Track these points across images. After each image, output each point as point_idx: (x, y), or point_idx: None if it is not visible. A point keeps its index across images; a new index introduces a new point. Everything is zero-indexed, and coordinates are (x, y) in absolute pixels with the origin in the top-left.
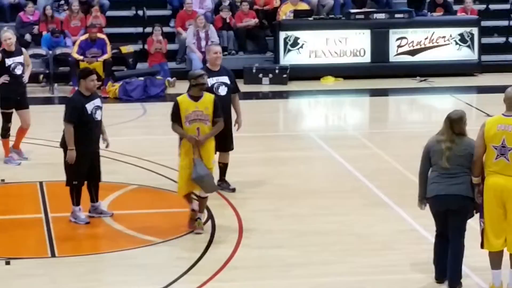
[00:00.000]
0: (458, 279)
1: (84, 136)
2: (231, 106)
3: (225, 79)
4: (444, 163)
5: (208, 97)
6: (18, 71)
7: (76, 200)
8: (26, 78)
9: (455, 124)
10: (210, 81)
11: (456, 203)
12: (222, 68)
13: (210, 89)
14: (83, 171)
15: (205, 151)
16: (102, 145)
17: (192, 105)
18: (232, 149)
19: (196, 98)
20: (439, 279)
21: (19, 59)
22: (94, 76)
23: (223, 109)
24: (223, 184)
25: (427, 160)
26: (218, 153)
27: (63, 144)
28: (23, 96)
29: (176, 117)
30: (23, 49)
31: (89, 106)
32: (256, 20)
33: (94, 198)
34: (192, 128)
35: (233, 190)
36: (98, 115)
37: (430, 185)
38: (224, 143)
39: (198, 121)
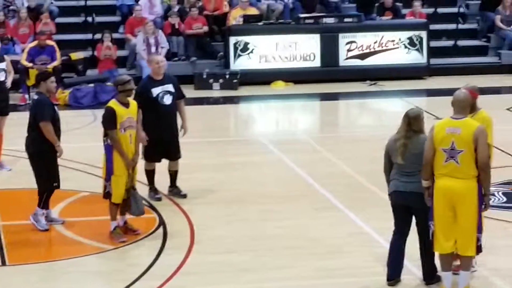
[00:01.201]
0: (433, 274)
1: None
2: (176, 114)
3: (170, 87)
4: (399, 159)
5: (133, 103)
6: (1, 77)
7: (44, 204)
8: (9, 84)
9: (413, 121)
10: (155, 91)
11: (415, 201)
12: (165, 76)
13: (155, 99)
14: (58, 172)
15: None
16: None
17: (125, 112)
18: (180, 157)
19: (126, 105)
20: (391, 279)
21: (2, 65)
22: (54, 78)
23: (169, 117)
24: (175, 190)
25: (388, 159)
26: (168, 161)
27: (32, 148)
28: (6, 103)
29: (113, 124)
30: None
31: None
32: (206, 28)
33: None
34: (126, 136)
35: (185, 196)
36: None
37: (391, 181)
38: (173, 151)
39: (131, 128)
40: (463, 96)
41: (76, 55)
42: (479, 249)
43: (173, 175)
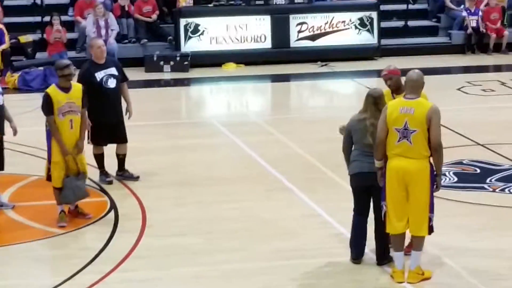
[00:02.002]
0: (386, 255)
1: None
2: (120, 97)
3: (113, 71)
4: (368, 139)
5: (77, 87)
6: None
7: None
8: None
9: (378, 100)
10: (98, 75)
11: (376, 180)
12: (108, 60)
13: (99, 83)
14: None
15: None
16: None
17: (63, 97)
18: (127, 141)
19: (66, 90)
20: (357, 258)
21: None
22: None
23: (114, 101)
24: (126, 173)
25: (349, 139)
26: (115, 145)
27: None
28: None
29: (50, 110)
30: None
31: None
32: (156, 13)
33: None
34: (66, 121)
35: (137, 178)
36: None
37: (353, 162)
38: (120, 135)
39: (72, 113)
40: (416, 76)
41: (25, 38)
42: (431, 229)
43: (123, 158)
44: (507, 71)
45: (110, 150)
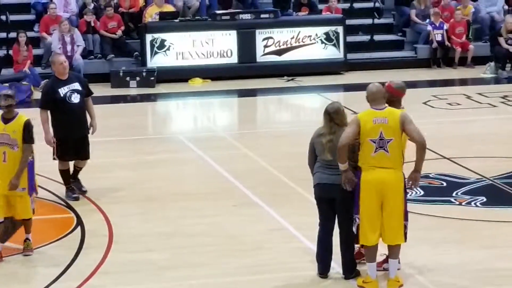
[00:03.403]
0: (353, 267)
1: None
2: (85, 112)
3: (76, 86)
4: (326, 155)
5: (19, 121)
6: None
7: None
8: None
9: (334, 116)
10: (62, 90)
11: (338, 193)
12: (71, 75)
13: (63, 99)
14: None
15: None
16: None
17: (0, 127)
18: (89, 158)
19: (6, 120)
20: (323, 273)
21: None
22: None
23: (78, 116)
24: (76, 184)
25: (312, 153)
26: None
27: None
28: None
29: None
30: None
31: None
32: (122, 28)
33: None
34: None
35: (85, 191)
36: None
37: (315, 174)
38: (83, 150)
39: (5, 145)
40: (376, 89)
41: None
42: (405, 237)
43: (78, 170)
44: (472, 84)
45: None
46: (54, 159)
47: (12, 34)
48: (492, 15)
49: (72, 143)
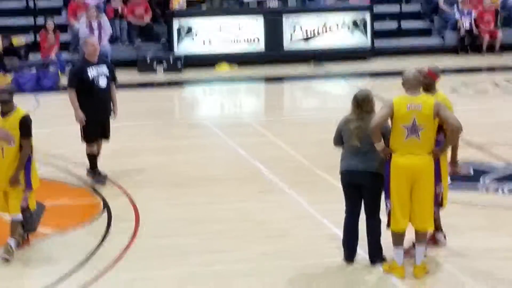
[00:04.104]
0: (379, 253)
1: None
2: (110, 96)
3: (104, 69)
4: (354, 142)
5: (16, 116)
6: None
7: None
8: None
9: (363, 103)
10: (90, 73)
11: (366, 179)
12: (100, 59)
13: (91, 81)
14: None
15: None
16: None
17: None
18: (109, 137)
19: (4, 114)
20: (349, 259)
21: None
22: None
23: (104, 99)
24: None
25: (339, 139)
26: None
27: None
28: None
29: None
30: None
31: None
32: (149, 15)
33: None
34: None
35: (105, 177)
36: None
37: (342, 160)
38: (107, 132)
39: (2, 140)
40: (413, 75)
41: (18, 40)
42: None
43: (97, 155)
44: (500, 72)
45: (105, 150)
46: (82, 141)
47: (40, 20)
48: None
49: (97, 124)
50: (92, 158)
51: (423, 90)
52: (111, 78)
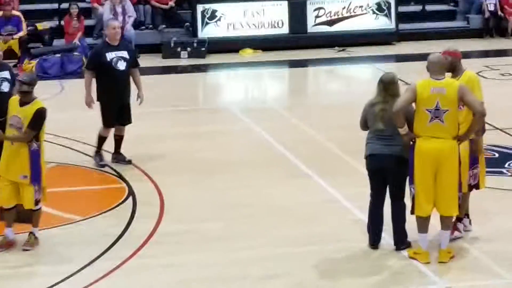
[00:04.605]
0: (404, 239)
1: None
2: (129, 80)
3: (124, 54)
4: (379, 125)
5: (34, 106)
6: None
7: None
8: None
9: (388, 86)
10: (109, 55)
11: (391, 163)
12: (121, 43)
13: (109, 63)
14: None
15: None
16: None
17: (15, 109)
18: (130, 122)
19: (22, 103)
20: (374, 244)
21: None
22: None
23: (123, 83)
24: (119, 156)
25: (364, 123)
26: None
27: None
28: None
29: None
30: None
31: None
32: (173, 1)
33: None
34: (8, 132)
35: (129, 162)
36: (4, 87)
37: (367, 145)
38: (125, 116)
39: (14, 128)
40: (437, 59)
41: (42, 25)
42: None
43: (119, 140)
44: None
45: (129, 136)
46: (103, 127)
47: (64, 5)
48: None
49: (115, 109)
50: (102, 140)
51: (450, 72)
52: (132, 63)
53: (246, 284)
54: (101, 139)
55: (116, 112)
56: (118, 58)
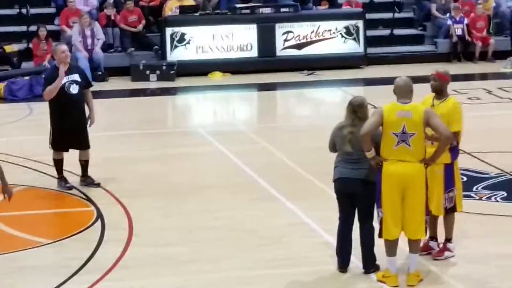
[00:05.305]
0: (373, 262)
1: None
2: (84, 103)
3: (76, 77)
4: (347, 147)
5: None
6: None
7: None
8: None
9: (357, 109)
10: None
11: (359, 187)
12: (71, 66)
13: (62, 88)
14: None
15: None
16: None
17: None
18: (88, 147)
19: None
20: (343, 267)
21: None
22: None
23: (77, 107)
24: (87, 179)
25: (333, 146)
26: (78, 151)
27: None
28: None
29: None
30: None
31: None
32: (142, 23)
33: None
34: None
35: (98, 184)
36: None
37: (335, 168)
38: (82, 141)
39: None
40: (404, 83)
41: (11, 48)
42: (426, 231)
43: (84, 165)
44: (493, 79)
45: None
46: (49, 147)
47: (33, 28)
48: None
49: (69, 133)
50: (59, 164)
51: (436, 94)
52: (84, 84)
53: None
54: (56, 163)
55: (69, 136)
56: (70, 82)
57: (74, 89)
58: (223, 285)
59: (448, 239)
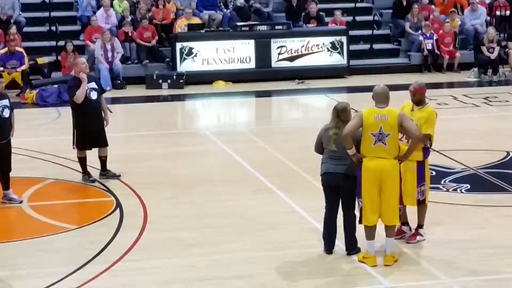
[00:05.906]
0: (354, 246)
1: None
2: (101, 106)
3: (93, 85)
4: (332, 146)
5: None
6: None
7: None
8: None
9: (341, 113)
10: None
11: (342, 181)
12: (89, 76)
13: (86, 95)
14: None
15: None
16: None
17: None
18: (107, 145)
19: None
20: (328, 250)
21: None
22: (2, 79)
23: (96, 110)
24: (108, 173)
25: (319, 145)
26: (97, 149)
27: None
28: None
29: None
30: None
31: None
32: (156, 38)
33: (4, 186)
34: None
35: (119, 176)
36: (5, 113)
37: (322, 164)
38: (101, 139)
39: None
40: (381, 90)
41: (42, 60)
42: (400, 219)
43: (104, 160)
44: (458, 87)
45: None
46: (73, 148)
47: (61, 43)
48: (476, 27)
49: (91, 134)
50: (83, 161)
51: (415, 105)
52: (100, 91)
53: (218, 284)
54: (81, 160)
55: (91, 137)
56: (90, 89)
57: (94, 95)
58: (226, 265)
59: (420, 225)
